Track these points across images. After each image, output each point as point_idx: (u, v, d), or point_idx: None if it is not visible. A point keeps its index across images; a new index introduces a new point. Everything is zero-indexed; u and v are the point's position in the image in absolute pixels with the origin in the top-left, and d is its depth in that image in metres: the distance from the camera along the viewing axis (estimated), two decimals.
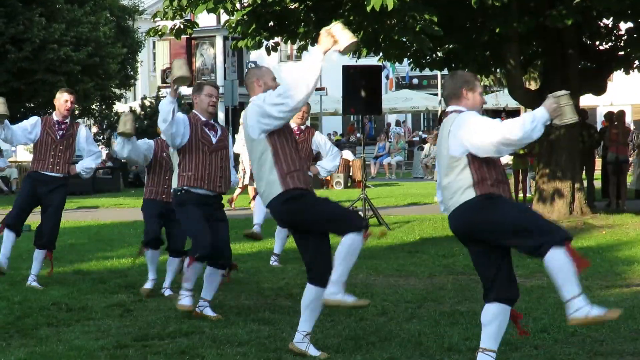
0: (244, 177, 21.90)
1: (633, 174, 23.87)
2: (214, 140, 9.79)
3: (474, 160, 7.32)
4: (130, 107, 29.34)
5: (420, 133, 55.20)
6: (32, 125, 12.41)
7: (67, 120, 12.57)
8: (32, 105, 38.46)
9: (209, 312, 9.77)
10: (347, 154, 32.56)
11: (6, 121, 12.05)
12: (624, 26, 21.10)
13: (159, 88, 56.37)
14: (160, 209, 11.16)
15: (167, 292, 11.06)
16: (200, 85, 9.91)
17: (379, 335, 8.94)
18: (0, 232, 12.36)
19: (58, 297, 11.00)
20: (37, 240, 12.26)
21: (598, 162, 24.33)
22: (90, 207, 25.64)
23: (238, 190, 23.51)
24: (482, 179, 7.38)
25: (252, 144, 8.32)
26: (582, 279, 11.99)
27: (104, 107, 42.85)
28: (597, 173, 23.99)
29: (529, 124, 7.21)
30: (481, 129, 7.23)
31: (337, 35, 7.74)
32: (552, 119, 7.44)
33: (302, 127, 13.35)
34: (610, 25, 21.27)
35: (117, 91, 42.74)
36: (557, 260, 7.01)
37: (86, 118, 43.76)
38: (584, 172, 21.93)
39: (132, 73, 44.84)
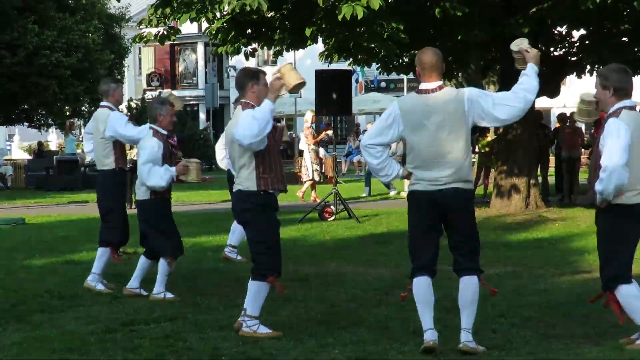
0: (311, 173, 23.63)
1: (585, 170, 23.96)
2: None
3: None
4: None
5: None
6: None
7: None
8: (25, 106, 38.28)
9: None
10: (321, 152, 32.49)
11: None
12: (576, 34, 21.21)
13: (144, 91, 56.48)
14: None
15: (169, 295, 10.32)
16: (256, 74, 8.83)
17: (350, 320, 8.97)
18: None
19: (51, 285, 11.00)
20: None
21: (552, 160, 24.38)
22: (80, 201, 25.54)
23: (307, 184, 24.02)
24: None
25: None
26: (537, 267, 12.13)
27: (92, 108, 42.74)
28: (551, 170, 24.07)
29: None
30: None
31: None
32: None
33: None
34: (563, 33, 21.37)
35: None
36: None
37: (76, 119, 43.65)
38: (539, 169, 22.02)
39: (119, 77, 44.70)
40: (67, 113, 40.04)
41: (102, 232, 11.08)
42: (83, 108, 41.03)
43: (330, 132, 28.94)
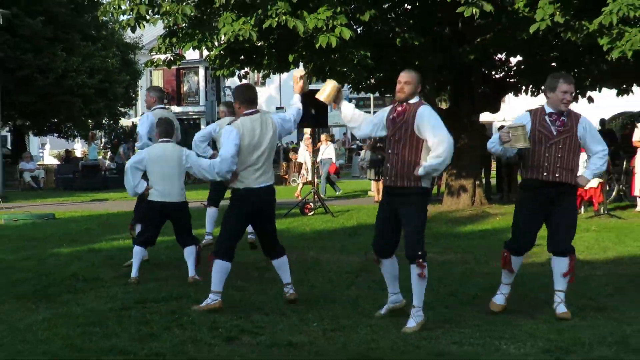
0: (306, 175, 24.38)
1: (521, 173, 24.02)
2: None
3: None
4: None
5: (357, 142, 55.29)
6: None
7: None
8: (55, 120, 38.25)
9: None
10: (302, 157, 32.49)
11: None
12: (513, 60, 21.27)
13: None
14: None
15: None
16: None
17: (326, 298, 8.96)
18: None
19: (76, 270, 10.93)
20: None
21: (494, 164, 24.44)
22: (101, 199, 25.47)
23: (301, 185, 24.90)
24: None
25: None
26: (481, 254, 12.15)
27: (111, 122, 42.81)
28: (493, 173, 24.14)
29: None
30: None
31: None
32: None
33: None
34: (503, 59, 21.44)
35: (122, 109, 42.62)
36: None
37: (97, 130, 43.67)
38: (483, 172, 22.09)
39: (133, 95, 44.70)
40: (90, 126, 40.02)
41: None
42: (103, 121, 41.10)
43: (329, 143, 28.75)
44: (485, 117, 23.45)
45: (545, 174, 8.01)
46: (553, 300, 8.08)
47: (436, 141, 7.68)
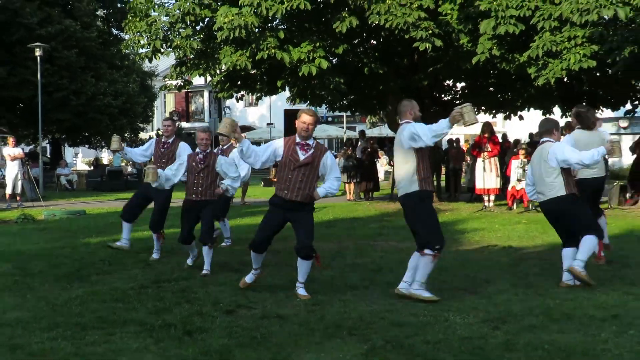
0: None
1: (465, 177, 24.08)
2: None
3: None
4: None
5: (333, 152, 55.34)
6: (147, 146, 11.42)
7: (170, 140, 11.12)
8: (86, 134, 38.16)
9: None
10: None
11: (126, 148, 11.30)
12: (459, 85, 21.38)
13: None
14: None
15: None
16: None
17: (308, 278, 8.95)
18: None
19: (104, 256, 10.88)
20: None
21: (443, 169, 24.52)
22: (123, 198, 25.30)
23: None
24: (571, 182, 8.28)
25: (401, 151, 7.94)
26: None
27: (132, 135, 42.70)
28: (443, 176, 24.22)
29: None
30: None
31: (465, 115, 7.42)
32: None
33: (170, 140, 11.10)
34: (450, 85, 21.54)
35: (141, 125, 42.54)
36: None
37: (135, 148, 43.70)
38: (434, 176, 22.16)
39: (150, 114, 44.61)
40: (122, 143, 39.98)
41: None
42: (125, 135, 40.93)
43: None
44: None
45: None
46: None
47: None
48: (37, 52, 27.27)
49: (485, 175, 18.10)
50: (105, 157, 53.74)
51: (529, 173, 8.95)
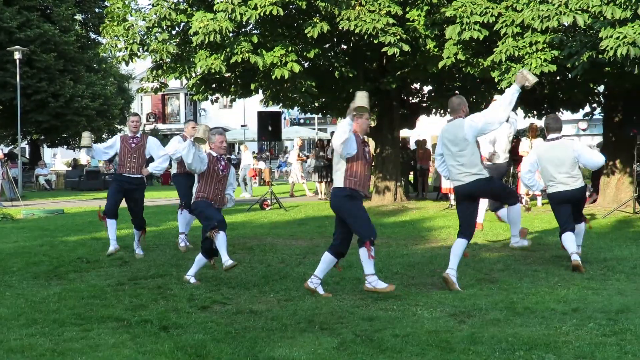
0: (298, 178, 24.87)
1: (432, 177, 24.17)
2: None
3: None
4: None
5: (305, 152, 55.36)
6: (111, 143, 11.08)
7: (138, 135, 10.81)
8: (64, 135, 37.83)
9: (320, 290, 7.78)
10: (262, 164, 32.29)
11: (93, 145, 10.92)
12: (426, 88, 21.46)
13: (144, 125, 56.16)
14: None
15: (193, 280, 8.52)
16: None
17: (280, 275, 8.92)
18: (102, 220, 10.64)
19: (81, 254, 10.79)
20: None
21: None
22: (101, 198, 25.10)
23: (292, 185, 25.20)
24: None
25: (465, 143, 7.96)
26: (401, 239, 12.18)
27: (110, 136, 42.39)
28: (411, 176, 24.29)
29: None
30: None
31: (528, 76, 7.52)
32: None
33: (138, 136, 10.83)
34: (418, 88, 21.60)
35: (118, 127, 42.19)
36: None
37: (99, 143, 43.27)
38: (403, 175, 22.22)
39: (127, 115, 44.32)
40: (93, 139, 39.59)
41: None
42: (103, 136, 40.65)
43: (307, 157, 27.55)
44: (404, 132, 23.60)
45: None
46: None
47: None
48: (17, 55, 27.02)
49: None
50: (84, 157, 53.26)
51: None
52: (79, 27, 37.03)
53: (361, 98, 7.68)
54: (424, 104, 21.22)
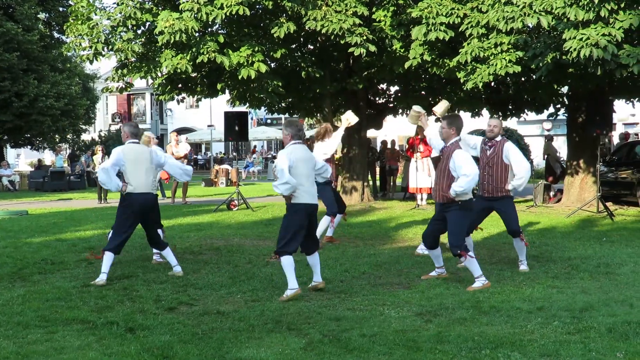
0: None
1: (401, 177, 24.30)
2: None
3: None
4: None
5: (272, 152, 55.28)
6: (115, 161, 9.12)
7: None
8: (28, 135, 37.35)
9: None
10: (227, 165, 32.26)
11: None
12: (392, 89, 21.52)
13: (109, 125, 55.87)
14: None
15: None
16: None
17: (247, 275, 8.91)
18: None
19: (45, 255, 10.66)
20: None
21: (378, 169, 24.67)
22: (65, 199, 24.84)
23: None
24: None
25: None
26: (368, 239, 12.21)
27: (74, 136, 41.93)
28: (378, 176, 24.36)
29: None
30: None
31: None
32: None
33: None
34: (384, 88, 21.67)
35: (83, 127, 41.71)
36: None
37: (63, 144, 42.87)
38: (369, 175, 22.27)
39: (92, 115, 43.89)
40: (57, 140, 39.07)
41: None
42: (68, 136, 40.18)
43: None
44: (371, 133, 23.68)
45: None
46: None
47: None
48: None
49: (418, 175, 18.28)
50: (48, 158, 52.66)
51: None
52: (42, 26, 36.55)
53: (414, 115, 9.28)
54: (391, 105, 21.28)
